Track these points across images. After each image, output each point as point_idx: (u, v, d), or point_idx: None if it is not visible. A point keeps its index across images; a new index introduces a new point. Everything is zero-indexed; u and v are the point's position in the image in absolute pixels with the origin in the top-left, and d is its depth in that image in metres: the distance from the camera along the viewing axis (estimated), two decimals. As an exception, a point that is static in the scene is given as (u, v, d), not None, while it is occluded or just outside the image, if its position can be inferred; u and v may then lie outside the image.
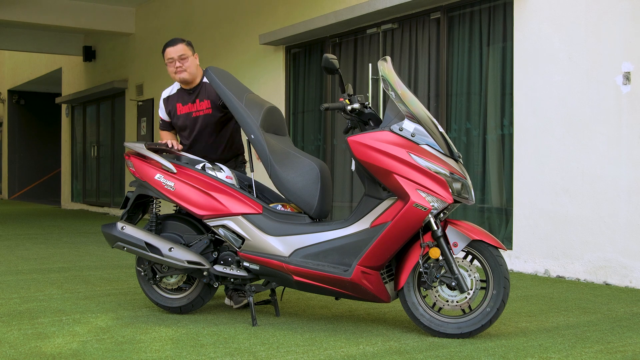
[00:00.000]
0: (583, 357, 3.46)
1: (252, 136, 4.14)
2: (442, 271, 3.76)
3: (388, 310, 4.53)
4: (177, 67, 4.64)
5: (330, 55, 3.91)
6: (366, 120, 4.01)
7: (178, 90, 4.78)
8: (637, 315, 4.50)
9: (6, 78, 21.18)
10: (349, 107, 3.93)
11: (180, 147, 4.57)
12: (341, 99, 4.00)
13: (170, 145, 4.50)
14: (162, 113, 4.86)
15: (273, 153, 4.12)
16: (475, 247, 3.77)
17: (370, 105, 4.02)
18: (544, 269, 6.22)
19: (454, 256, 3.76)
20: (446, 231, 3.77)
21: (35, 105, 21.51)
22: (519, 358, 3.42)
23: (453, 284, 3.74)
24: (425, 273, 3.78)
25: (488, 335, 3.86)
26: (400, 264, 3.88)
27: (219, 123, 4.68)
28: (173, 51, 4.64)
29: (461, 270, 3.77)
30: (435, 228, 3.74)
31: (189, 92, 4.72)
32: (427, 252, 3.77)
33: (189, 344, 3.65)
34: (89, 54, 16.00)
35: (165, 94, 4.86)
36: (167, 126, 4.84)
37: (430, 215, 3.71)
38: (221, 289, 5.17)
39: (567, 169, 6.04)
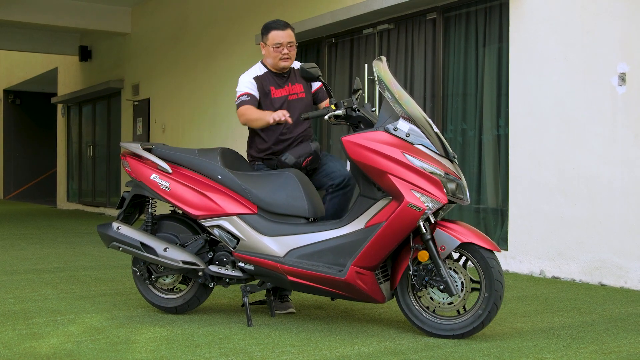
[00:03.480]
0: (578, 357, 3.46)
1: (220, 177, 4.18)
2: (432, 274, 3.75)
3: (383, 311, 4.53)
4: (284, 54, 4.42)
5: (306, 65, 3.88)
6: (356, 123, 4.01)
7: (266, 72, 4.50)
8: (632, 316, 4.51)
9: (2, 77, 21.13)
10: (327, 116, 3.91)
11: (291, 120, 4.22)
12: (327, 104, 3.99)
13: (286, 117, 4.14)
14: (251, 88, 4.41)
15: (245, 181, 4.16)
16: (467, 249, 3.76)
17: (358, 107, 4.00)
18: (539, 270, 6.23)
19: (443, 259, 3.75)
20: (434, 234, 3.76)
21: (31, 105, 21.47)
22: (514, 358, 3.43)
23: (441, 287, 3.73)
24: (415, 276, 3.77)
25: (483, 336, 3.86)
26: (395, 265, 3.88)
27: (307, 109, 4.52)
28: (284, 36, 4.42)
29: (451, 273, 3.75)
30: (424, 231, 3.73)
31: (280, 76, 4.51)
32: (417, 255, 3.76)
33: (184, 344, 3.64)
34: (84, 54, 15.98)
35: (253, 73, 4.48)
36: (255, 102, 4.39)
37: (423, 216, 3.70)
38: (217, 289, 5.17)
39: (562, 169, 6.05)
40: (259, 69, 4.52)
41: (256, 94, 4.41)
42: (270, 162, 4.45)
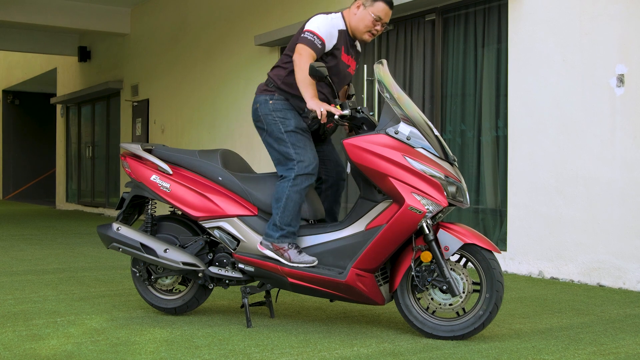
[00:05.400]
0: (576, 358, 3.47)
1: (220, 178, 4.19)
2: (434, 275, 3.77)
3: (382, 312, 4.54)
4: (376, 30, 4.11)
5: (316, 64, 3.87)
6: (359, 124, 4.01)
7: (345, 30, 4.13)
8: (631, 317, 4.52)
9: (1, 78, 21.14)
10: (336, 116, 3.88)
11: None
12: (332, 105, 3.98)
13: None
14: (329, 39, 4.02)
15: (246, 183, 4.17)
16: (468, 250, 3.78)
17: (362, 109, 4.00)
18: (538, 271, 6.24)
19: (446, 260, 3.76)
20: (437, 235, 3.78)
21: (30, 105, 21.48)
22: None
23: (444, 287, 3.75)
24: (417, 277, 3.79)
25: (482, 337, 3.87)
26: (395, 267, 3.89)
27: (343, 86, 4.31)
28: (388, 14, 4.11)
29: (453, 274, 3.77)
30: (427, 232, 3.74)
31: (352, 44, 4.21)
32: (419, 256, 3.78)
33: (183, 345, 3.65)
34: (84, 54, 15.99)
35: (338, 24, 4.07)
36: (321, 54, 4.00)
37: (424, 219, 3.71)
38: (217, 290, 5.18)
39: (561, 170, 6.06)
40: (341, 22, 4.12)
41: (329, 47, 4.05)
42: (295, 101, 4.14)
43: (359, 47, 4.35)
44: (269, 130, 4.11)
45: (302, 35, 4.01)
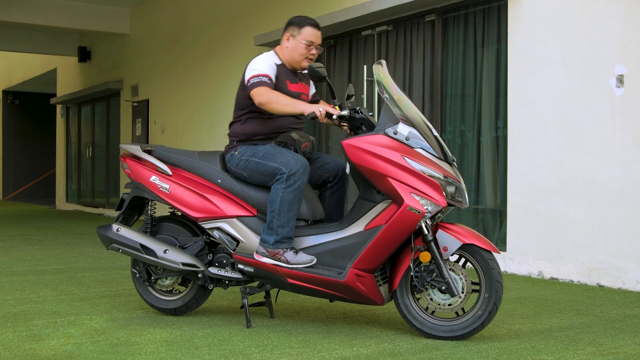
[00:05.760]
0: (575, 359, 3.48)
1: (219, 180, 4.19)
2: (433, 275, 3.78)
3: (382, 312, 4.55)
4: (311, 54, 4.20)
5: (315, 64, 3.86)
6: (358, 125, 4.02)
7: (281, 64, 4.25)
8: (630, 317, 4.52)
9: (1, 78, 21.14)
10: (334, 116, 3.87)
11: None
12: (331, 106, 3.99)
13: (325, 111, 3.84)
14: (271, 73, 4.12)
15: (245, 184, 4.17)
16: (467, 251, 3.79)
17: (361, 109, 4.00)
18: (537, 271, 6.25)
19: (445, 260, 3.77)
20: (437, 235, 3.79)
21: (30, 105, 21.48)
22: (512, 360, 3.44)
23: (443, 287, 3.75)
24: (416, 277, 3.79)
25: (481, 337, 3.88)
26: (394, 267, 3.89)
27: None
28: (318, 36, 4.19)
29: (452, 274, 3.78)
30: (426, 232, 3.75)
31: (293, 73, 4.31)
32: (418, 256, 3.78)
33: (183, 345, 3.66)
34: (84, 55, 16.00)
35: (271, 60, 4.21)
36: (272, 87, 4.09)
37: (423, 219, 3.72)
38: (216, 291, 5.19)
39: (560, 171, 6.07)
40: (275, 58, 4.26)
41: (274, 80, 4.13)
42: (262, 143, 4.23)
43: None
44: (248, 172, 4.15)
45: (248, 84, 4.12)
